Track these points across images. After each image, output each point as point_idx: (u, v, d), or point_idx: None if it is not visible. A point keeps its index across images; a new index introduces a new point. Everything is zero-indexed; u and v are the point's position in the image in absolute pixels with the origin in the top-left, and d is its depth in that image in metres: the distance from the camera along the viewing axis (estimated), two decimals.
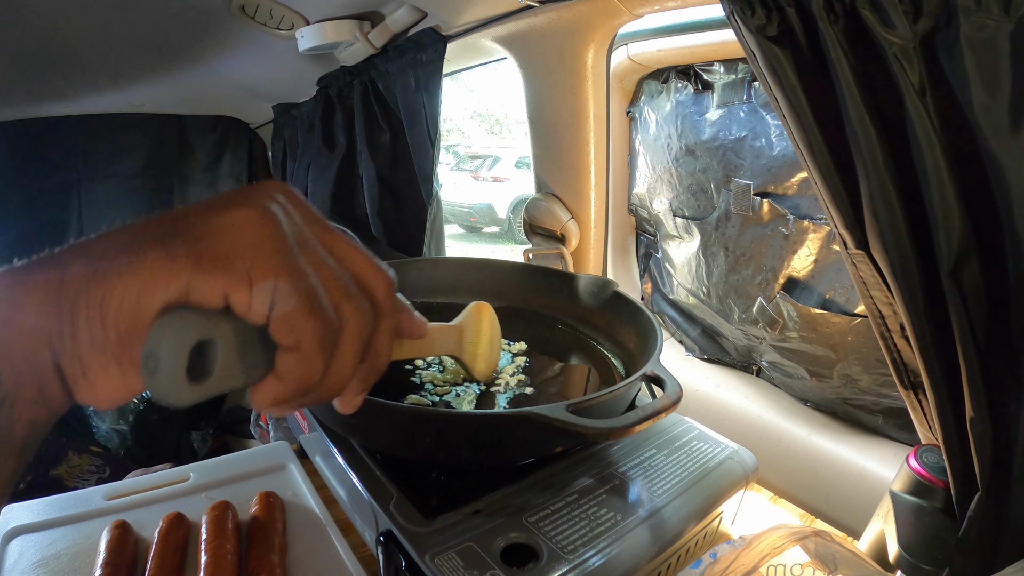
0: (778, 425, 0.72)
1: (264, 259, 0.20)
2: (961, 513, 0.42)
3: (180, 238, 0.19)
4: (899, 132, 0.39)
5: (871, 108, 0.40)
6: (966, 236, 0.38)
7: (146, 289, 0.18)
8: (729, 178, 0.75)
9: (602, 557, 0.40)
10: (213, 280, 0.19)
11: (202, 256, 0.19)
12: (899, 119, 0.39)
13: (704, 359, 0.89)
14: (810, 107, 0.43)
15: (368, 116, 1.06)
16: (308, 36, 0.92)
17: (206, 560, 0.43)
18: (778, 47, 0.42)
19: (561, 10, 0.72)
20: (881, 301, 0.45)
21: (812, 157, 0.44)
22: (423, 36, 0.87)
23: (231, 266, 0.19)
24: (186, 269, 0.19)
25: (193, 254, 0.19)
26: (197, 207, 0.21)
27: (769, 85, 0.45)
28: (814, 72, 0.43)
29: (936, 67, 0.37)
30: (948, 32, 0.35)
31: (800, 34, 0.42)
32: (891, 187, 0.41)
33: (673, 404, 0.44)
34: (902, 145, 0.39)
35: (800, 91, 0.43)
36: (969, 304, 0.38)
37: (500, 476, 0.47)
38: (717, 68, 0.76)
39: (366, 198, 1.10)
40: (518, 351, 0.65)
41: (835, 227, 0.46)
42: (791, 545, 0.42)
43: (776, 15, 0.42)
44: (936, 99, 0.37)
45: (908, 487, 0.45)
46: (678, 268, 0.89)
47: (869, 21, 0.37)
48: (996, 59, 0.34)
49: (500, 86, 9.05)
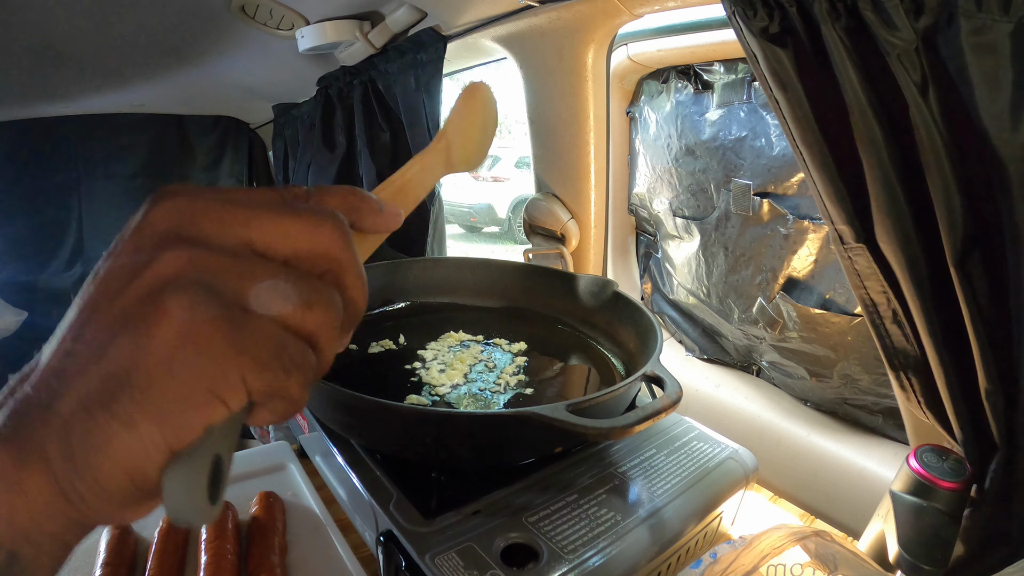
0: (778, 425, 0.72)
1: (220, 364, 0.17)
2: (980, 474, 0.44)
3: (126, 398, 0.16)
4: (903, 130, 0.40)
5: (875, 106, 0.41)
6: (970, 229, 0.39)
7: (133, 468, 0.17)
8: (729, 178, 0.75)
9: (602, 557, 0.40)
10: (189, 423, 0.17)
11: (163, 412, 0.17)
12: (903, 117, 0.39)
13: (704, 359, 0.89)
14: (811, 106, 0.43)
15: (368, 116, 1.06)
16: (308, 36, 0.92)
17: (206, 560, 0.43)
18: (779, 47, 0.43)
19: (561, 10, 0.72)
20: (875, 290, 0.47)
21: (811, 155, 0.45)
22: (423, 36, 0.87)
23: (197, 400, 0.17)
24: (156, 433, 0.17)
25: (152, 414, 0.16)
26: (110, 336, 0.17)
27: (769, 86, 0.45)
28: (816, 71, 0.43)
29: (937, 67, 0.37)
30: (949, 32, 0.35)
31: (802, 34, 0.42)
32: (896, 183, 0.42)
33: (673, 404, 0.44)
34: (907, 142, 0.40)
35: (801, 91, 0.43)
36: (977, 292, 0.39)
37: (500, 476, 0.47)
38: (717, 68, 0.76)
39: None
40: (518, 351, 0.65)
41: (832, 224, 0.47)
42: (791, 545, 0.42)
43: (778, 14, 0.42)
44: (938, 98, 0.37)
45: (908, 487, 0.45)
46: (678, 268, 0.89)
47: (870, 21, 0.37)
48: (996, 59, 0.34)
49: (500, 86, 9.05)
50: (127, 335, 0.17)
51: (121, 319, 0.17)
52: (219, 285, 0.17)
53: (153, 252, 0.17)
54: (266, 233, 0.19)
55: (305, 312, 0.19)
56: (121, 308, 0.17)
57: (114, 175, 1.64)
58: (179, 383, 0.17)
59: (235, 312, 0.17)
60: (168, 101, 1.55)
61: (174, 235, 0.18)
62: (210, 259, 0.18)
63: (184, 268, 0.17)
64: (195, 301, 0.17)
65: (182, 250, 0.17)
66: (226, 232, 0.18)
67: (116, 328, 0.17)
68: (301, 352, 0.19)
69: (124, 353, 0.16)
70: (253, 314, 0.18)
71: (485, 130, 0.39)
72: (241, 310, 0.18)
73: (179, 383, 0.17)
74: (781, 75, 0.43)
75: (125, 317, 0.17)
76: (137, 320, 0.17)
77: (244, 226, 0.19)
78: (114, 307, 0.17)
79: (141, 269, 0.17)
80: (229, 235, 0.18)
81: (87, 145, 1.58)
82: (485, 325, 0.71)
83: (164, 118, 1.66)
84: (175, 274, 0.17)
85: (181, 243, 0.18)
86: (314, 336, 0.19)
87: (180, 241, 0.18)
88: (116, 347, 0.17)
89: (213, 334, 0.17)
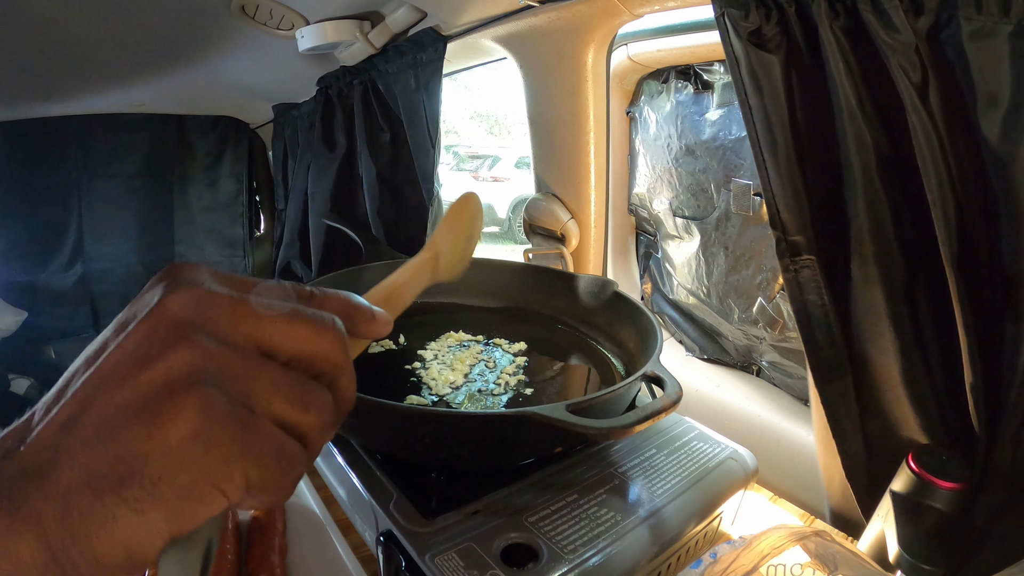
0: (778, 425, 0.72)
1: (226, 461, 0.18)
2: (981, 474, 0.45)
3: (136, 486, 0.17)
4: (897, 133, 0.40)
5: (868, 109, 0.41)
6: (966, 230, 0.39)
7: (133, 548, 0.17)
8: (729, 178, 0.75)
9: (602, 557, 0.40)
10: (193, 513, 0.18)
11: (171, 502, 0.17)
12: (897, 120, 0.39)
13: (704, 359, 0.89)
14: (788, 111, 0.44)
15: (368, 116, 1.06)
16: (308, 36, 0.92)
17: None
18: (766, 51, 0.43)
19: (561, 10, 0.72)
20: (814, 304, 0.48)
21: (776, 163, 0.45)
22: (423, 36, 0.87)
23: (203, 493, 0.18)
24: (162, 521, 0.17)
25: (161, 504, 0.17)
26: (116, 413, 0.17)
27: (744, 89, 0.45)
28: (802, 75, 0.43)
29: (937, 68, 0.37)
30: (949, 33, 0.35)
31: (798, 35, 0.42)
32: (880, 187, 0.42)
33: (673, 404, 0.44)
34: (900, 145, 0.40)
35: (782, 94, 0.44)
36: (972, 295, 0.39)
37: (500, 476, 0.47)
38: (717, 68, 0.76)
39: (366, 198, 1.10)
40: (518, 351, 0.65)
41: (784, 234, 0.48)
42: (791, 545, 0.42)
43: (776, 14, 0.42)
44: (937, 100, 0.37)
45: (908, 487, 0.45)
46: (678, 268, 0.89)
47: (869, 22, 0.37)
48: (996, 60, 0.34)
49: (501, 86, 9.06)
50: (140, 424, 0.17)
51: (134, 406, 0.17)
52: (229, 385, 0.18)
53: (168, 343, 0.18)
54: (274, 335, 0.20)
55: (303, 414, 0.20)
56: (134, 394, 0.17)
57: (114, 175, 1.64)
58: (188, 477, 0.17)
59: (242, 412, 0.18)
60: (168, 101, 1.55)
61: (188, 327, 0.18)
62: (222, 358, 0.18)
63: (198, 366, 0.18)
64: (208, 402, 0.18)
65: (197, 347, 0.18)
66: (237, 330, 0.19)
67: (129, 414, 0.17)
68: (297, 451, 0.20)
69: (137, 441, 0.17)
70: (257, 414, 0.19)
71: (470, 241, 0.42)
72: (247, 410, 0.19)
73: (188, 477, 0.17)
74: (761, 79, 0.44)
75: (139, 406, 0.17)
76: (152, 412, 0.17)
77: (254, 326, 0.20)
78: (125, 391, 0.17)
79: (156, 359, 0.18)
80: (239, 333, 0.19)
81: (87, 145, 1.58)
82: (485, 325, 0.71)
83: (164, 118, 1.66)
84: (189, 371, 0.18)
85: (195, 337, 0.18)
86: (308, 435, 0.20)
87: (194, 335, 0.18)
88: (129, 433, 0.17)
89: (223, 434, 0.18)
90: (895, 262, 0.44)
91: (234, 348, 0.19)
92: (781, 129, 0.44)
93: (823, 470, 0.58)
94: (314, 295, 0.23)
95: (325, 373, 0.21)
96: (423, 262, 0.37)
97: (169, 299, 0.19)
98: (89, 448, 0.17)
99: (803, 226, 0.46)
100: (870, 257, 0.44)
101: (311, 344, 0.21)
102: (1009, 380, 0.39)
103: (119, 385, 0.18)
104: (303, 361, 0.21)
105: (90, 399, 0.18)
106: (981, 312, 0.40)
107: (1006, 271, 0.38)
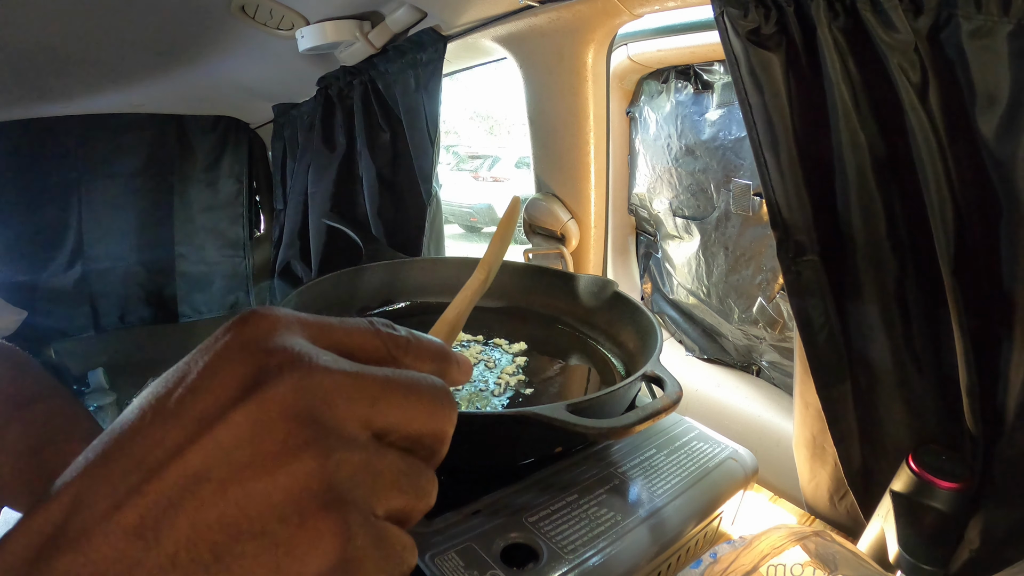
0: (778, 425, 0.72)
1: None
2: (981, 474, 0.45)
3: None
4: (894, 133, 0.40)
5: (864, 109, 0.41)
6: (964, 232, 0.38)
7: None
8: (729, 178, 0.75)
9: (602, 557, 0.40)
10: None
11: None
12: (895, 120, 0.39)
13: (704, 359, 0.89)
14: (789, 110, 0.44)
15: (368, 116, 1.06)
16: (308, 36, 0.92)
17: None
18: (766, 50, 0.43)
19: (561, 10, 0.72)
20: (814, 307, 0.48)
21: (777, 162, 0.45)
22: (423, 36, 0.87)
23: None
24: None
25: None
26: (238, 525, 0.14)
27: (744, 88, 0.45)
28: (801, 74, 0.43)
29: (936, 68, 0.37)
30: (948, 32, 0.35)
31: (796, 35, 0.42)
32: (875, 188, 0.42)
33: (673, 404, 0.44)
34: (899, 146, 0.40)
35: (783, 94, 0.44)
36: (969, 297, 0.39)
37: (500, 476, 0.47)
38: (717, 68, 0.76)
39: (366, 198, 1.10)
40: (518, 351, 0.65)
41: (787, 234, 0.47)
42: (791, 545, 0.42)
43: (775, 14, 0.42)
44: (936, 100, 0.37)
45: (908, 487, 0.45)
46: (678, 268, 0.89)
47: (869, 22, 0.37)
48: (996, 60, 0.34)
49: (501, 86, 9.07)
50: (266, 553, 0.14)
51: (252, 529, 0.14)
52: (359, 495, 0.16)
53: (288, 446, 0.15)
54: (390, 417, 0.17)
55: (416, 502, 0.18)
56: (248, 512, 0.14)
57: (114, 175, 1.64)
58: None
59: (376, 527, 0.16)
60: (168, 101, 1.55)
61: (308, 424, 0.15)
62: (350, 461, 0.16)
63: (329, 479, 0.15)
64: (348, 527, 0.15)
65: (325, 453, 0.15)
66: (354, 417, 0.16)
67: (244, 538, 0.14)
68: (408, 542, 0.17)
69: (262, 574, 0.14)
70: (381, 518, 0.17)
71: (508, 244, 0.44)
72: (375, 517, 0.16)
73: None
74: (761, 78, 0.44)
75: (258, 529, 0.14)
76: (278, 540, 0.14)
77: (369, 407, 0.17)
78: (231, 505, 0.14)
79: (273, 467, 0.14)
80: (354, 418, 0.16)
81: (87, 145, 1.57)
82: (485, 325, 0.71)
83: (164, 118, 1.65)
84: (320, 487, 0.15)
85: (320, 440, 0.15)
86: (412, 521, 0.18)
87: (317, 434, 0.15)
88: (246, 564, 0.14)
89: (365, 561, 0.15)
90: (895, 263, 0.44)
91: (355, 443, 0.16)
92: (782, 127, 0.44)
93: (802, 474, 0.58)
94: (411, 344, 0.20)
95: (429, 447, 0.19)
96: (480, 284, 0.38)
97: (281, 385, 0.15)
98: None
99: (805, 226, 0.46)
100: (871, 257, 0.44)
101: (428, 424, 0.18)
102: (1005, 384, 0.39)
103: (220, 494, 0.14)
104: (414, 441, 0.18)
105: (176, 505, 0.14)
106: (978, 314, 0.40)
107: (1004, 272, 0.38)
